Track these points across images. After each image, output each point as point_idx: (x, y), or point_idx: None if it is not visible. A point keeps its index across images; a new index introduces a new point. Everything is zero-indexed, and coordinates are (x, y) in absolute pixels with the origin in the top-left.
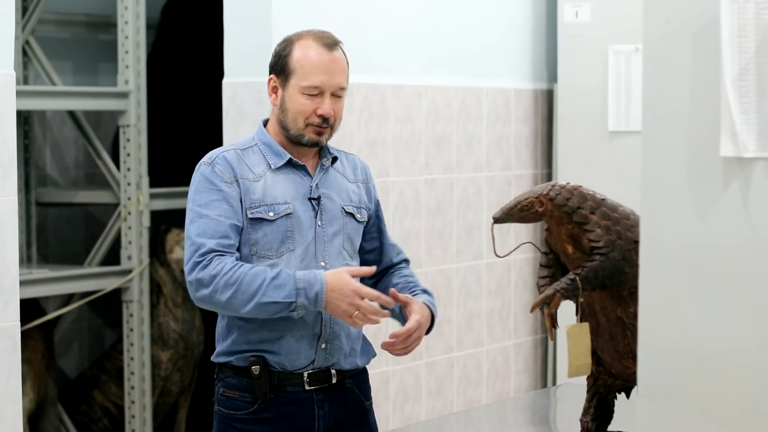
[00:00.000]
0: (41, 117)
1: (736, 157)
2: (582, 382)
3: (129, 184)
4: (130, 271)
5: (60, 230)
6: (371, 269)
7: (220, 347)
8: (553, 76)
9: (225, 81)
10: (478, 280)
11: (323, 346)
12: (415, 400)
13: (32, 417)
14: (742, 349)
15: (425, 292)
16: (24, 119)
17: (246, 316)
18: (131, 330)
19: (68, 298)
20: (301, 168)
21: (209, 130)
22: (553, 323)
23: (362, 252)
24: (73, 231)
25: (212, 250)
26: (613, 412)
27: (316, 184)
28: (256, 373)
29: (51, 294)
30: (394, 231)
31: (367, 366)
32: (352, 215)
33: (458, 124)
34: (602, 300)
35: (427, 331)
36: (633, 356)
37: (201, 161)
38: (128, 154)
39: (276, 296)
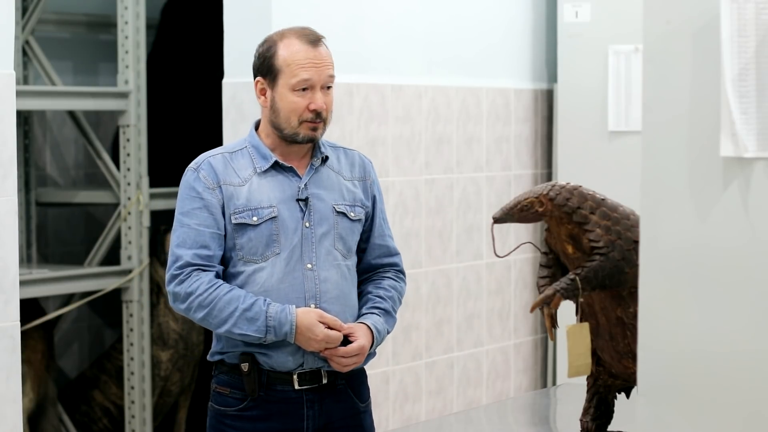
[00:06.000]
0: (41, 117)
1: (736, 157)
2: (582, 382)
3: (129, 184)
4: (130, 271)
5: (60, 230)
6: (340, 332)
7: (214, 347)
8: (553, 76)
9: (225, 81)
10: (478, 280)
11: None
12: (415, 400)
13: (32, 417)
14: (742, 349)
15: (387, 312)
16: (24, 119)
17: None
18: (131, 330)
19: (68, 298)
20: (289, 169)
21: (209, 130)
22: (553, 323)
23: (356, 250)
24: (73, 231)
25: (189, 264)
26: (613, 412)
27: (305, 185)
28: (246, 370)
29: (51, 294)
30: (394, 231)
31: (365, 368)
32: (344, 214)
33: (458, 124)
34: (602, 300)
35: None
36: (633, 356)
37: (189, 166)
38: (128, 154)
39: (246, 329)
